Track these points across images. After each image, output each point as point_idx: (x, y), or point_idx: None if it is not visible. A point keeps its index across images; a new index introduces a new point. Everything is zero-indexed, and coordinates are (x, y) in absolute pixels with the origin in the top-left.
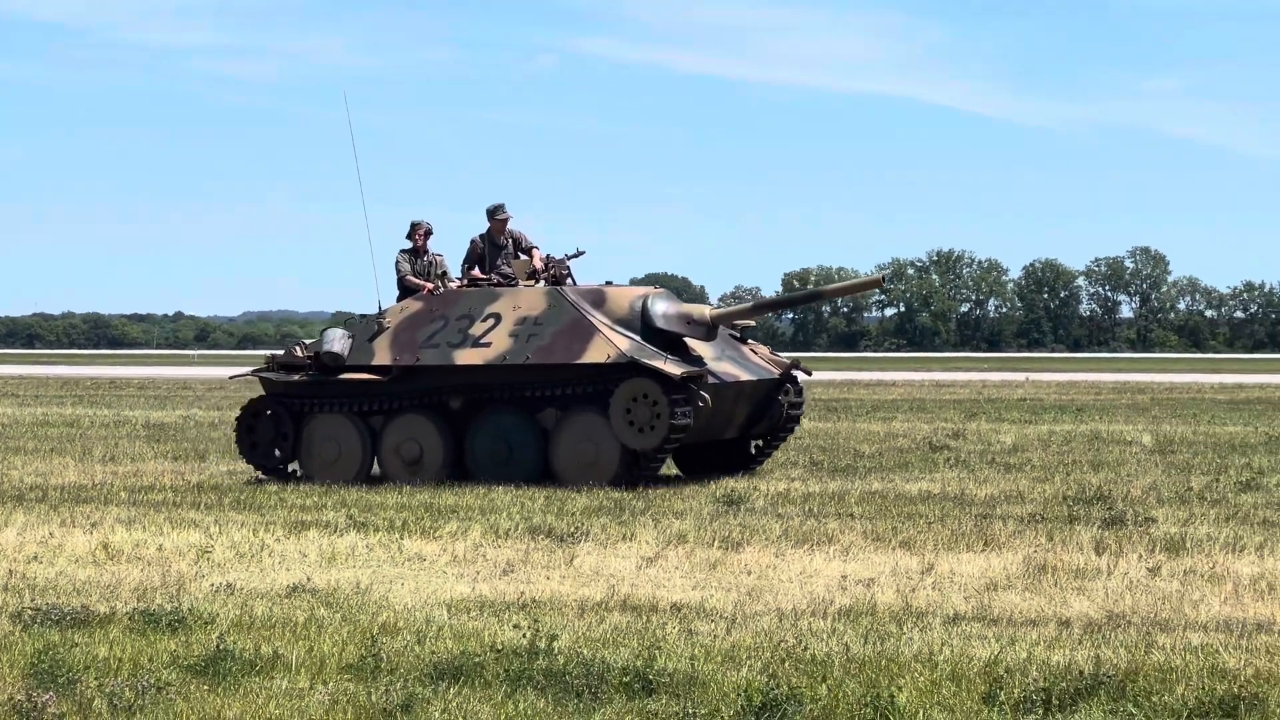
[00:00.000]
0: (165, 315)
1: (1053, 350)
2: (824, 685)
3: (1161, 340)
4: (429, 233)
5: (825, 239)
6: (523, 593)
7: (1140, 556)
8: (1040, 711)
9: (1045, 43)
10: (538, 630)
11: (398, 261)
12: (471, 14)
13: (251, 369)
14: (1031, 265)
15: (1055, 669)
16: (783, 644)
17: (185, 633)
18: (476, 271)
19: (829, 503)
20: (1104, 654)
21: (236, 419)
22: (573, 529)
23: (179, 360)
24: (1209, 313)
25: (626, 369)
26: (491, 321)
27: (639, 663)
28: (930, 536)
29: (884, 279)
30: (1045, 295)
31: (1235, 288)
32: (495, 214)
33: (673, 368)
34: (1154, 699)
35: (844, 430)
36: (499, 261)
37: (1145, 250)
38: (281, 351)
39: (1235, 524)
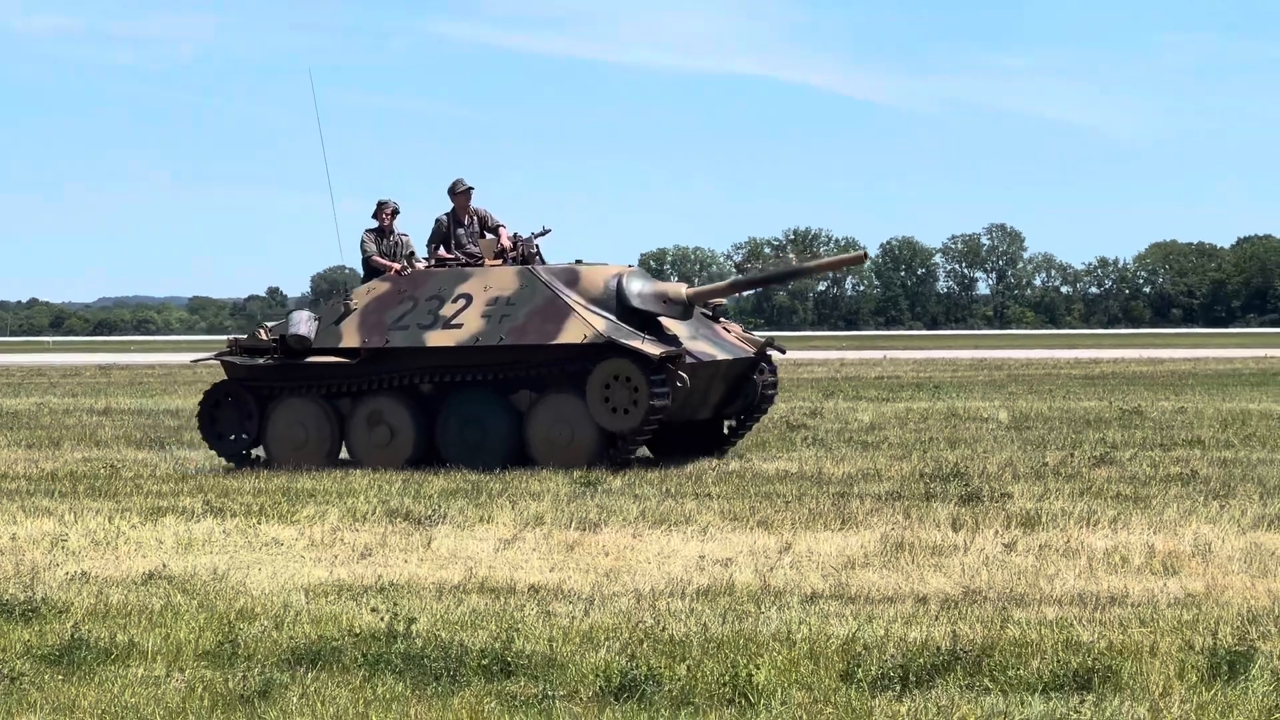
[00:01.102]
0: (19, 302)
1: (910, 328)
2: (682, 665)
3: (1018, 317)
4: (395, 212)
5: (682, 219)
6: (380, 576)
7: (996, 532)
8: (898, 688)
9: (901, 20)
10: (396, 614)
11: (363, 241)
12: None
13: (214, 353)
14: (888, 243)
15: (912, 645)
16: (641, 624)
17: (39, 622)
18: (443, 251)
19: (686, 483)
20: (960, 630)
21: (199, 404)
22: (430, 512)
23: (35, 347)
24: (1064, 289)
25: (603, 349)
26: (462, 302)
27: (497, 645)
28: (788, 516)
29: (866, 254)
30: (902, 273)
31: (1090, 264)
32: (455, 189)
33: (651, 348)
34: (1010, 673)
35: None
36: (465, 240)
37: (1001, 227)
38: (245, 335)
39: (1089, 498)
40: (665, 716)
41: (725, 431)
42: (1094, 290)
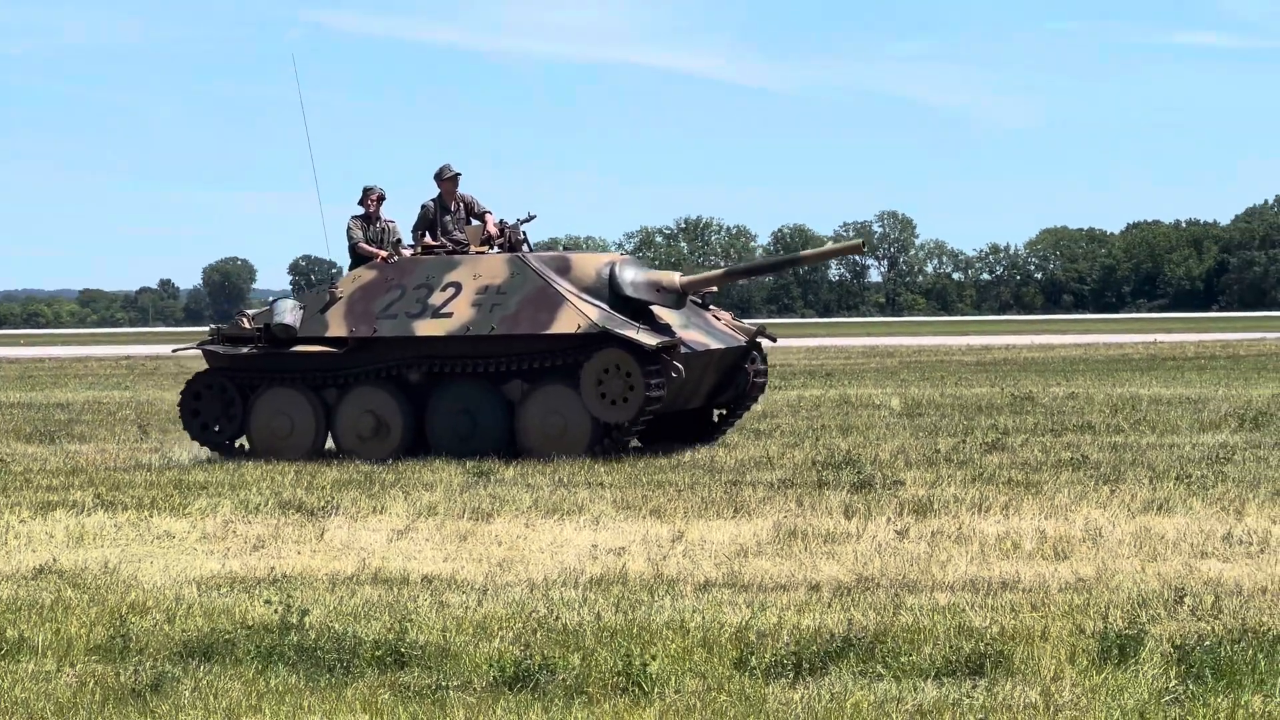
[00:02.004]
0: None
1: (802, 315)
2: (576, 655)
3: (910, 304)
4: (381, 198)
5: (574, 208)
6: (273, 568)
7: (889, 519)
8: (791, 675)
9: (792, 8)
10: (289, 606)
11: (349, 228)
12: None
13: (196, 343)
14: (780, 231)
15: (805, 633)
16: (534, 614)
17: None
18: (429, 239)
19: (579, 472)
20: (854, 616)
21: (181, 394)
22: (323, 503)
23: None
24: (956, 275)
25: (597, 340)
26: (452, 291)
27: (390, 636)
28: (680, 504)
29: (864, 244)
30: None
31: (981, 250)
32: (443, 175)
33: (647, 338)
34: (902, 659)
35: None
36: (451, 227)
37: (893, 214)
38: (226, 324)
39: (981, 484)
40: (559, 706)
41: (715, 420)
42: (986, 277)
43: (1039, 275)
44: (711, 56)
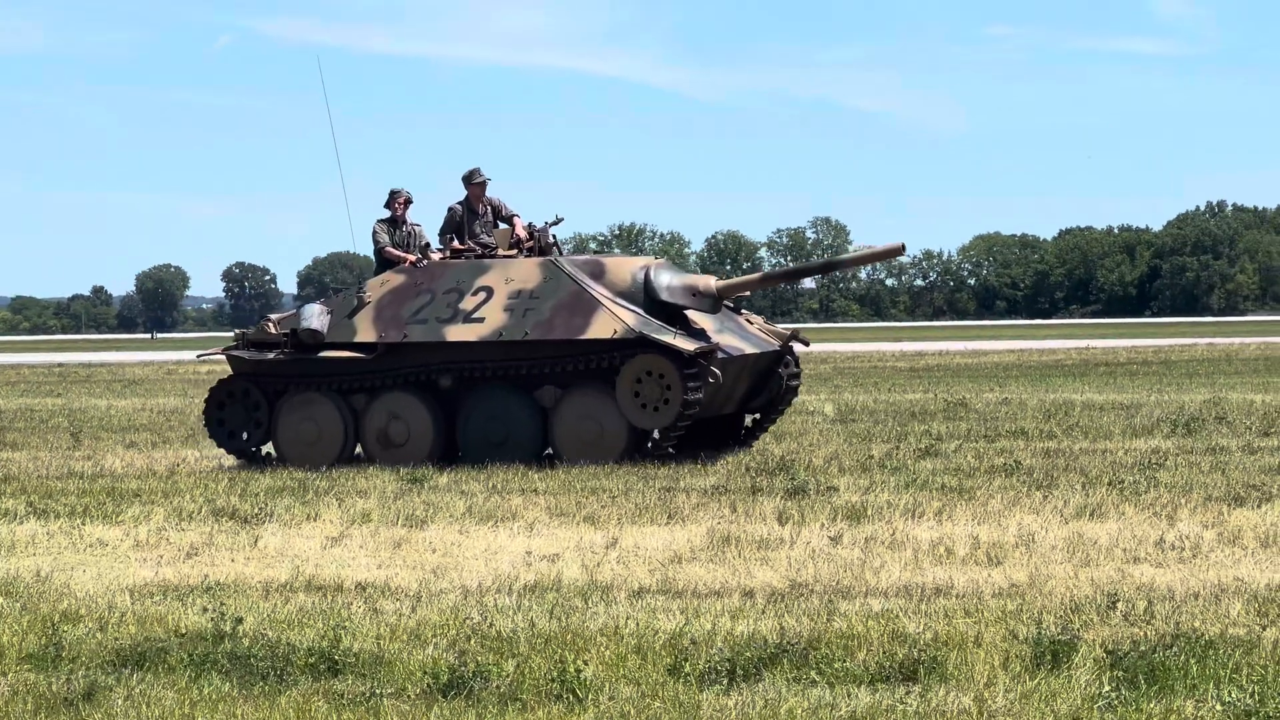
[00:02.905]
0: None
1: None
2: (510, 661)
3: (844, 309)
4: (408, 201)
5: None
6: (207, 576)
7: (822, 525)
8: (725, 682)
9: (725, 15)
10: (222, 613)
11: (375, 232)
12: None
13: (221, 348)
14: (714, 237)
15: (739, 639)
16: (468, 621)
17: None
18: (457, 243)
19: (513, 479)
20: (787, 623)
21: (205, 401)
22: (257, 510)
23: None
24: (889, 282)
25: (634, 345)
26: (483, 295)
27: (324, 643)
28: (614, 510)
29: (903, 247)
30: (728, 267)
31: (915, 257)
32: (472, 179)
33: (685, 343)
34: (836, 665)
35: None
36: (478, 230)
37: (826, 220)
38: (251, 329)
39: (915, 490)
40: (493, 713)
41: (748, 425)
42: (919, 283)
43: (972, 281)
44: (643, 64)
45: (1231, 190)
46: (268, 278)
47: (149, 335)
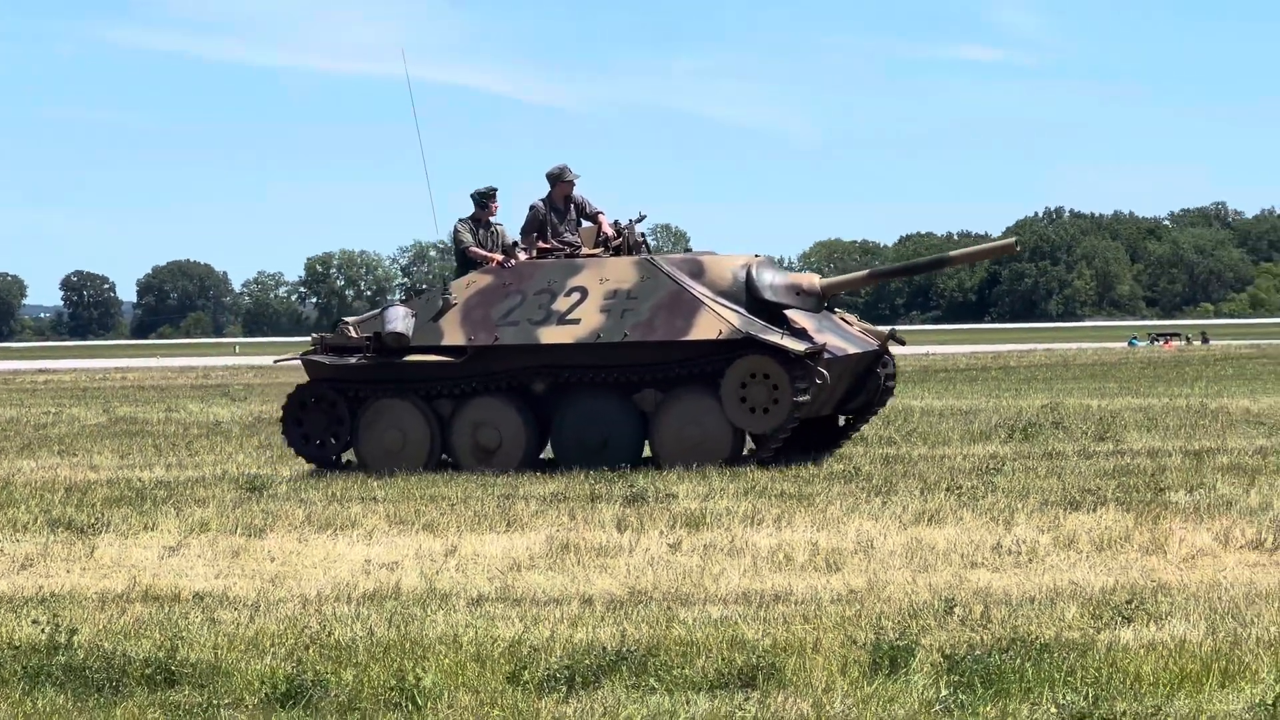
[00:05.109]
0: None
1: None
2: (349, 670)
3: None
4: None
5: (353, 222)
6: (41, 587)
7: (661, 532)
8: (564, 689)
9: (572, 24)
10: (57, 625)
11: (457, 231)
12: None
13: (300, 353)
14: None
15: (578, 646)
16: (307, 630)
17: None
18: (541, 242)
19: (352, 487)
20: (626, 630)
21: (283, 408)
22: (93, 520)
23: None
24: None
25: (739, 346)
26: (577, 296)
27: (161, 654)
28: (453, 518)
29: (1017, 243)
30: None
31: None
32: (562, 177)
33: (794, 343)
34: (675, 672)
35: None
36: (562, 229)
37: (666, 227)
38: (330, 333)
39: (754, 497)
40: None
41: (840, 426)
42: None
43: None
44: (493, 72)
45: (1069, 197)
46: (106, 286)
47: None
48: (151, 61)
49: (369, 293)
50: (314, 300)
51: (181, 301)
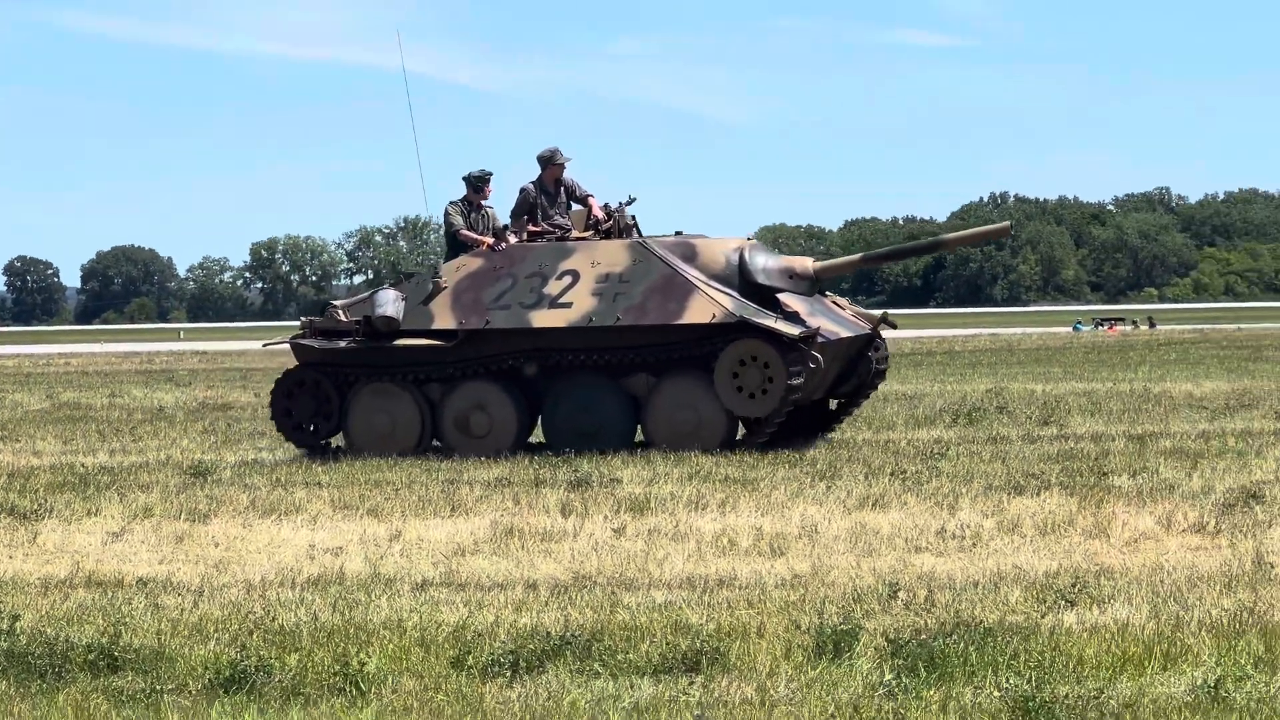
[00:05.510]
0: None
1: None
2: (293, 655)
3: None
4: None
5: (292, 208)
6: None
7: (606, 517)
8: (508, 674)
9: (513, 9)
10: None
11: (448, 214)
12: None
13: (289, 336)
14: None
15: (523, 631)
16: (251, 615)
17: None
18: (531, 225)
19: (296, 472)
20: (571, 615)
21: (272, 392)
22: (36, 506)
23: None
24: None
25: (732, 330)
26: (569, 279)
27: (104, 640)
28: (398, 503)
29: (1010, 226)
30: None
31: None
32: (553, 159)
33: (788, 327)
34: (619, 657)
35: None
36: (552, 212)
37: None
38: (319, 316)
39: (698, 482)
40: (275, 707)
41: (832, 410)
42: None
43: None
44: (432, 57)
45: (1014, 182)
46: (50, 271)
47: None
48: (97, 46)
49: (314, 278)
50: (259, 286)
51: (126, 287)
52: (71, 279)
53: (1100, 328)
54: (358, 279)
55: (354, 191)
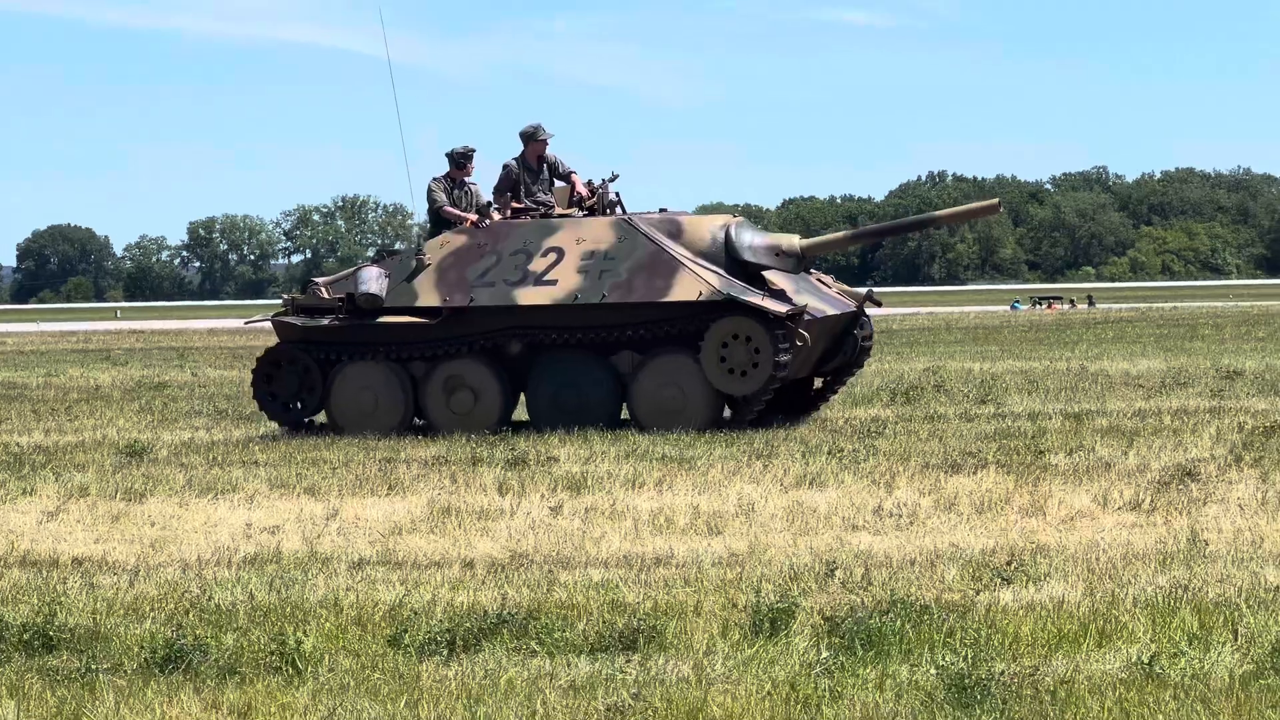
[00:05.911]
0: None
1: None
2: (230, 634)
3: None
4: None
5: (229, 187)
6: None
7: (542, 496)
8: (445, 652)
9: None
10: None
11: (431, 190)
12: None
13: (271, 314)
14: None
15: (459, 610)
16: (187, 594)
17: None
18: (517, 202)
19: (233, 450)
20: (508, 593)
21: (254, 369)
22: None
23: None
24: None
25: (719, 307)
26: (553, 256)
27: (39, 619)
28: (335, 482)
29: (1000, 203)
30: None
31: None
32: (535, 136)
33: (775, 305)
34: (556, 635)
35: (247, 378)
36: (535, 189)
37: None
38: (301, 294)
39: (635, 461)
40: (212, 686)
41: (818, 388)
42: None
43: None
44: (364, 33)
45: (952, 161)
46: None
47: None
48: (30, 24)
49: (252, 257)
50: (197, 265)
51: (62, 266)
52: (7, 258)
53: (1038, 307)
54: (295, 258)
55: (291, 170)
